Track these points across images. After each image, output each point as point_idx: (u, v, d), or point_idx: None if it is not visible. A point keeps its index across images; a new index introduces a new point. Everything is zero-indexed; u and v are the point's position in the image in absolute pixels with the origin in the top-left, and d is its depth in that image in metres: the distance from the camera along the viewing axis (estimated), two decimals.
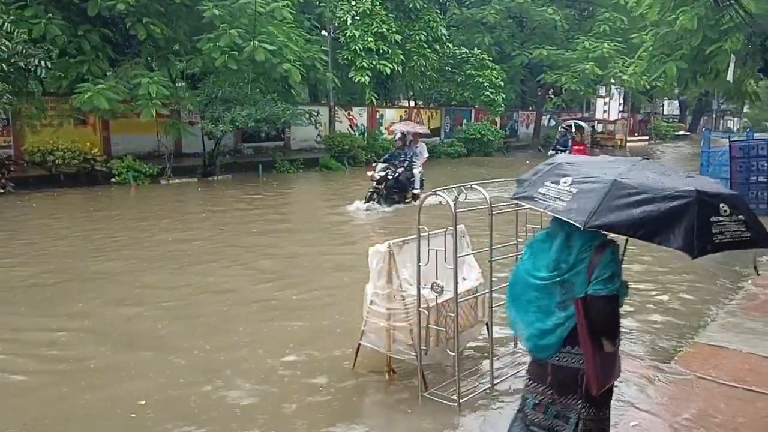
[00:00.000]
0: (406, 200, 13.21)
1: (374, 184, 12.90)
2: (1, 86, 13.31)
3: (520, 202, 2.97)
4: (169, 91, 16.25)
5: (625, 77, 26.68)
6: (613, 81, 32.00)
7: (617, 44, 28.70)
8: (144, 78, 15.61)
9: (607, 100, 42.99)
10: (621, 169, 2.63)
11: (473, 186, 4.29)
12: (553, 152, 17.85)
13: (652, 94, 42.21)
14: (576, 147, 19.10)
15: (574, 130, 19.77)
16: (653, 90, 34.24)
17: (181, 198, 14.73)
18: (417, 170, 13.60)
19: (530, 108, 36.63)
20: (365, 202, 12.70)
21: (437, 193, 4.30)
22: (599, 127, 40.65)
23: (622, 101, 44.90)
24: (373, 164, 14.37)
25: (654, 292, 7.13)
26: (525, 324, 2.77)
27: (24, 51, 13.68)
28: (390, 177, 12.94)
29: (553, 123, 38.28)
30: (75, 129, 16.80)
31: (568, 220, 2.47)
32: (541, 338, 2.70)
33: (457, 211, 4.17)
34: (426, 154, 14.19)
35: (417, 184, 13.49)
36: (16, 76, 14.02)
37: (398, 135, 13.77)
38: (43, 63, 13.90)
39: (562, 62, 29.91)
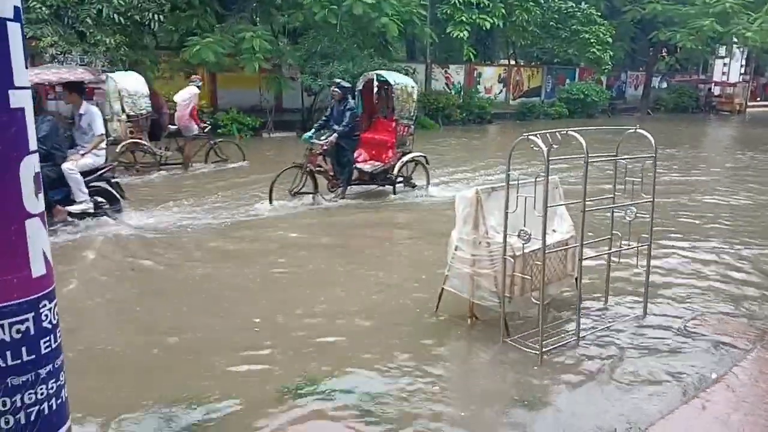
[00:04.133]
0: (55, 222, 6.58)
1: None
2: (119, 38, 14.20)
3: None
4: (272, 46, 16.68)
5: (749, 34, 24.57)
6: (735, 39, 29.39)
7: None
8: (248, 32, 16.12)
9: (727, 60, 39.72)
10: None
11: (569, 132, 4.14)
12: (310, 135, 8.91)
13: None
14: (370, 128, 9.99)
15: (376, 88, 10.06)
16: None
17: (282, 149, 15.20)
18: (71, 164, 6.87)
19: (640, 68, 34.42)
20: None
21: (529, 137, 4.14)
22: (716, 90, 37.83)
23: (744, 62, 41.37)
24: None
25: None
26: None
27: (139, 5, 14.51)
28: None
29: (665, 85, 35.88)
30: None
31: None
32: None
33: (550, 158, 4.03)
34: (101, 130, 7.29)
35: (79, 194, 6.90)
36: (132, 30, 14.91)
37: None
38: (156, 17, 14.70)
39: (678, 18, 27.77)
